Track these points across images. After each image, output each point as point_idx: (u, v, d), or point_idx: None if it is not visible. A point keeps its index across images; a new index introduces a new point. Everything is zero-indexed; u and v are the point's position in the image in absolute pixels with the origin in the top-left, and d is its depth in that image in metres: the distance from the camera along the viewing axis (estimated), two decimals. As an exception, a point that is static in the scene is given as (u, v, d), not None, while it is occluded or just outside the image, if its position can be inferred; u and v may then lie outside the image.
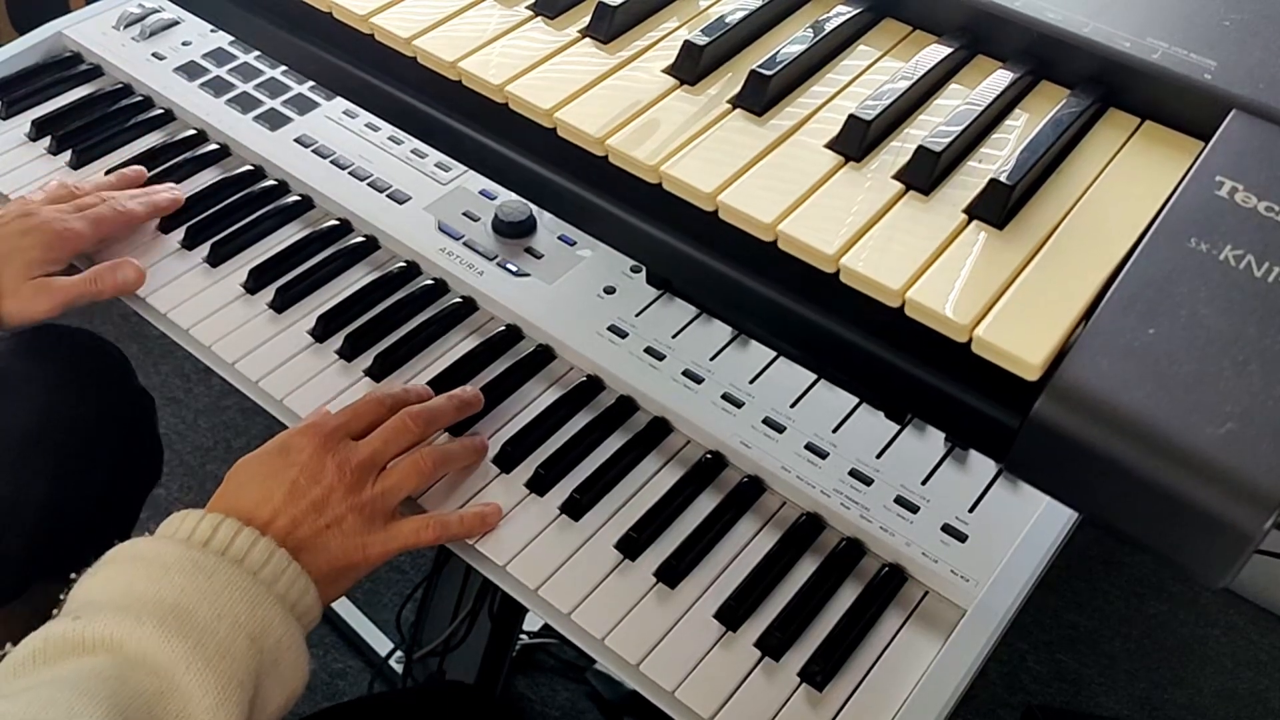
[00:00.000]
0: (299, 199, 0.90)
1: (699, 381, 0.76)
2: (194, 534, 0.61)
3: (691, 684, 0.63)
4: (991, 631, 0.65)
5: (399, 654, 1.28)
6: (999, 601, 0.66)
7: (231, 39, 1.02)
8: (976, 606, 0.66)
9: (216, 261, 0.85)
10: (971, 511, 0.70)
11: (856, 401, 0.76)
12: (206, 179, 0.91)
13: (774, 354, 0.78)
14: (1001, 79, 0.54)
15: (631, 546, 0.69)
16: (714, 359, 0.78)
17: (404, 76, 0.60)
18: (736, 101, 0.55)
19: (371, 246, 0.87)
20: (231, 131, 0.93)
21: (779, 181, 0.51)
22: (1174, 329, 0.42)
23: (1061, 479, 0.44)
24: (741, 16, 0.58)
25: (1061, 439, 0.42)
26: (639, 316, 0.80)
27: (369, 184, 0.90)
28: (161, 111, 0.96)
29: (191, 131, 0.95)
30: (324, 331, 0.80)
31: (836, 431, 0.74)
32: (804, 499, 0.71)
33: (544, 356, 0.80)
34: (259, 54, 1.01)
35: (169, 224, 0.87)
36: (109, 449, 0.89)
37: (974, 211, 0.49)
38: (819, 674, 0.63)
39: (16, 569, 0.84)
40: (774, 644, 0.65)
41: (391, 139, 0.93)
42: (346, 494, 0.65)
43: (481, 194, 0.90)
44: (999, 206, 0.48)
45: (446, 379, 0.77)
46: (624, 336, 0.79)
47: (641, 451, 0.74)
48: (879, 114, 0.52)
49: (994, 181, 0.48)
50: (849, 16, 0.58)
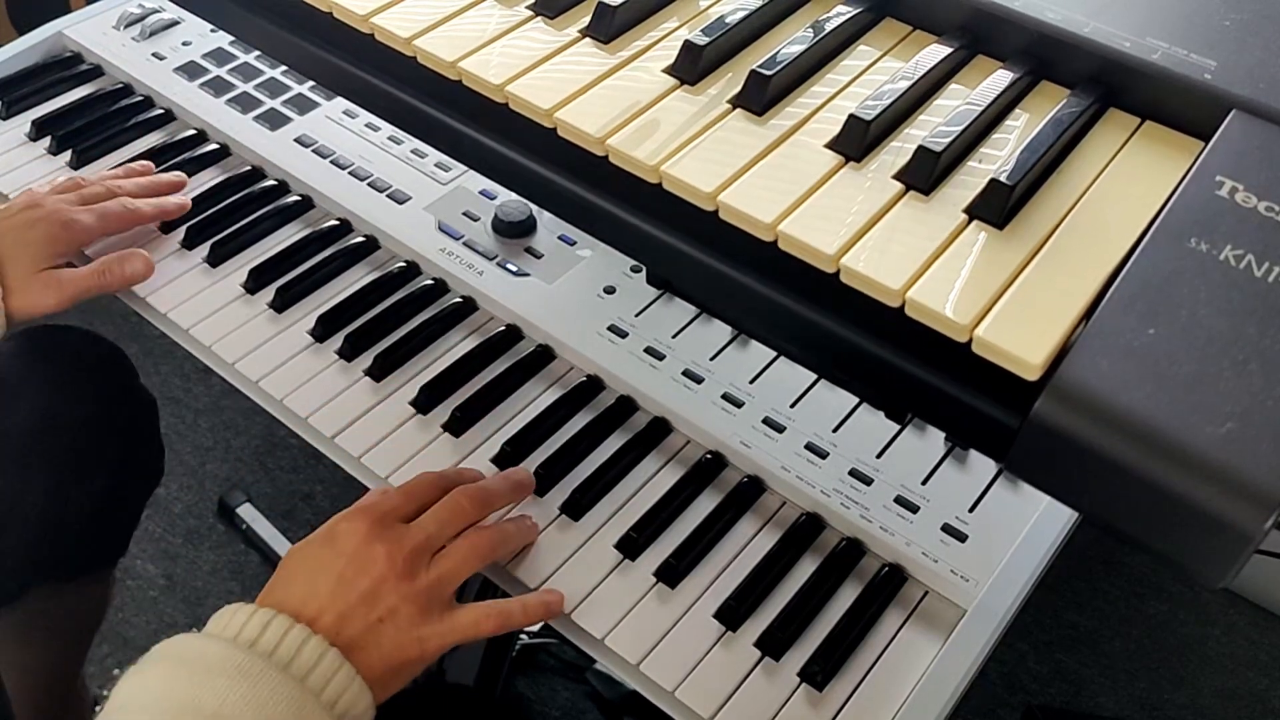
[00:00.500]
0: (299, 199, 0.90)
1: (699, 381, 0.76)
2: (242, 632, 0.57)
3: (691, 684, 0.63)
4: (991, 631, 0.65)
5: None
6: (999, 601, 0.66)
7: (231, 39, 1.02)
8: (976, 606, 0.66)
9: (216, 261, 0.85)
10: (971, 511, 0.70)
11: (856, 401, 0.76)
12: (206, 179, 0.91)
13: (774, 354, 0.78)
14: (1001, 79, 0.54)
15: (631, 546, 0.69)
16: (714, 359, 0.78)
17: (404, 76, 0.60)
18: (736, 101, 0.55)
19: (371, 246, 0.87)
20: (231, 131, 0.93)
21: (779, 181, 0.51)
22: (1174, 329, 0.42)
23: (1061, 479, 0.44)
24: (741, 16, 0.57)
25: (1061, 439, 0.42)
26: (639, 316, 0.80)
27: (369, 184, 0.90)
28: (161, 111, 0.97)
29: (191, 131, 0.95)
30: (324, 331, 0.80)
31: (836, 431, 0.74)
32: (804, 499, 0.71)
33: (544, 356, 0.80)
34: (259, 54, 1.01)
35: (169, 224, 0.87)
36: (110, 449, 0.89)
37: (974, 211, 0.49)
38: (819, 674, 0.63)
39: (16, 569, 0.84)
40: (774, 644, 0.65)
41: (391, 139, 0.93)
42: (398, 583, 0.61)
43: (481, 194, 0.90)
44: (999, 206, 0.48)
45: (446, 379, 0.77)
46: (624, 336, 0.79)
47: (641, 451, 0.74)
48: (879, 114, 0.52)
49: (994, 181, 0.48)
50: (849, 16, 0.58)
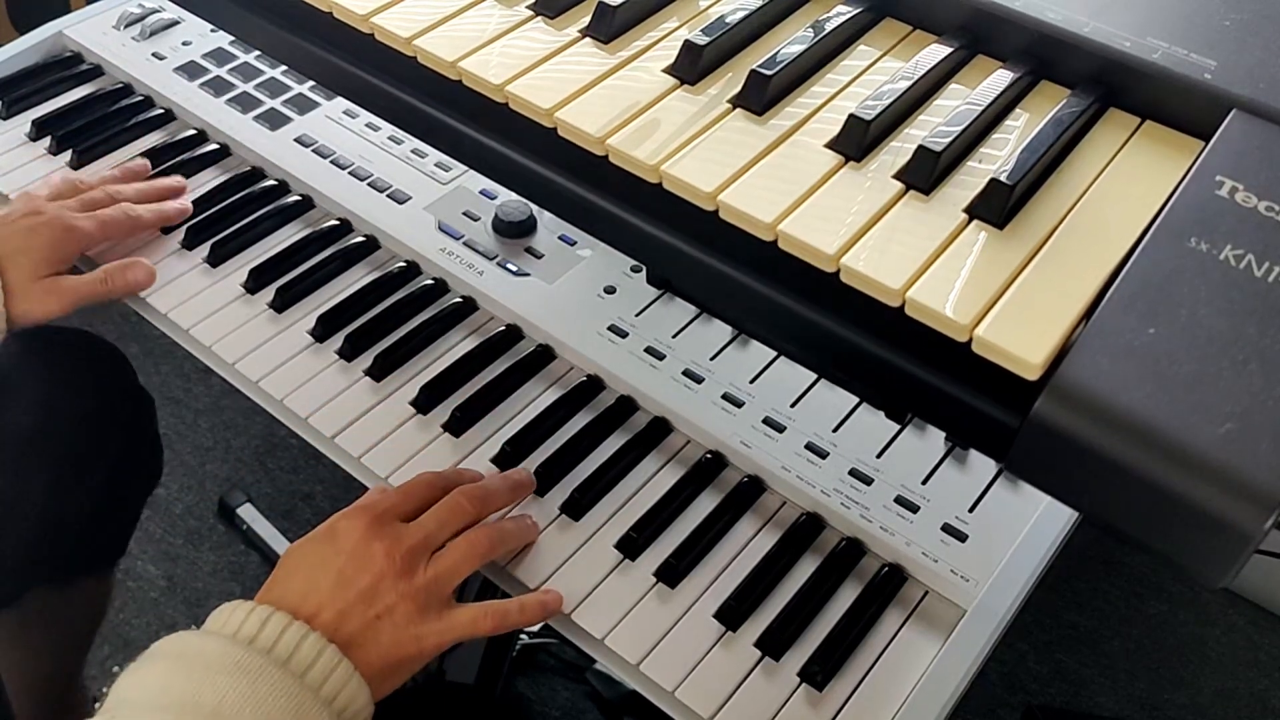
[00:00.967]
0: (299, 199, 0.90)
1: (699, 381, 0.76)
2: (241, 629, 0.57)
3: (691, 684, 0.63)
4: (991, 631, 0.65)
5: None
6: (999, 601, 0.66)
7: (231, 39, 1.02)
8: (976, 606, 0.66)
9: (216, 261, 0.85)
10: (971, 511, 0.70)
11: (856, 401, 0.76)
12: (206, 179, 0.91)
13: (774, 354, 0.78)
14: (1002, 79, 0.54)
15: (631, 546, 0.69)
16: (714, 359, 0.78)
17: (404, 76, 0.60)
18: (737, 101, 0.55)
19: (371, 246, 0.87)
20: (231, 131, 0.93)
21: (779, 181, 0.51)
22: (1174, 329, 0.42)
23: (1061, 479, 0.44)
24: (741, 16, 0.57)
25: (1061, 439, 0.42)
26: (639, 316, 0.80)
27: (369, 184, 0.90)
28: (162, 111, 0.96)
29: (191, 131, 0.95)
30: (324, 331, 0.80)
31: (836, 431, 0.74)
32: (804, 499, 0.71)
33: (544, 356, 0.80)
34: (259, 54, 1.01)
35: (169, 225, 0.87)
36: (109, 449, 0.89)
37: (974, 211, 0.49)
38: (819, 674, 0.63)
39: (16, 569, 0.84)
40: (774, 644, 0.65)
41: (391, 139, 0.93)
42: (397, 580, 0.61)
43: (481, 194, 0.90)
44: (999, 206, 0.48)
45: (446, 379, 0.77)
46: (624, 336, 0.79)
47: (641, 451, 0.74)
48: (879, 114, 0.52)
49: (994, 181, 0.48)
50: (849, 16, 0.58)
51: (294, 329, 0.81)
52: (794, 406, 0.75)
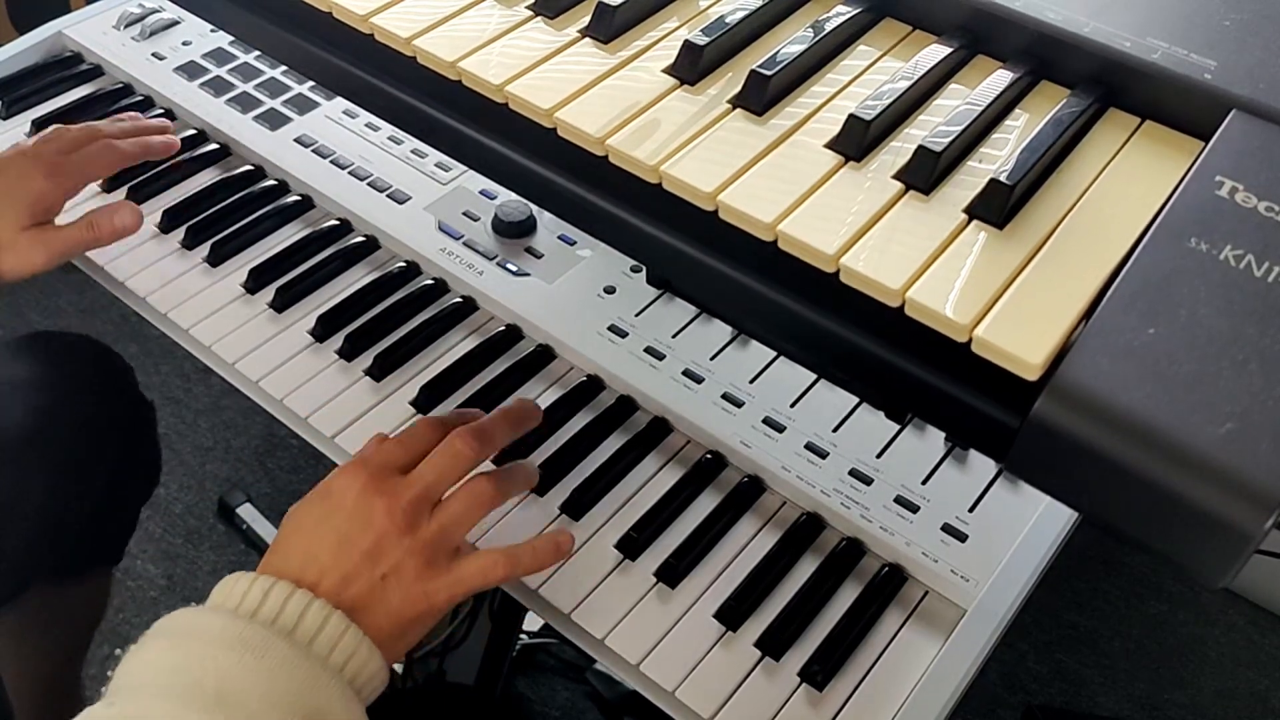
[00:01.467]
0: (299, 199, 0.90)
1: (699, 381, 0.76)
2: (243, 602, 0.55)
3: (691, 684, 0.63)
4: (991, 631, 0.65)
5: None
6: (999, 601, 0.66)
7: (231, 39, 1.02)
8: (976, 606, 0.66)
9: (216, 261, 0.85)
10: (971, 511, 0.70)
11: (856, 401, 0.76)
12: (206, 179, 0.91)
13: (774, 354, 0.78)
14: (1001, 79, 0.54)
15: (631, 546, 0.69)
16: (714, 359, 0.78)
17: (404, 76, 0.60)
18: (736, 101, 0.55)
19: (371, 246, 0.87)
20: (231, 131, 0.93)
21: (779, 181, 0.51)
22: (1174, 329, 0.42)
23: (1061, 479, 0.44)
24: (741, 16, 0.57)
25: (1061, 439, 0.42)
26: (639, 316, 0.80)
27: (369, 184, 0.90)
28: (161, 111, 0.97)
29: (191, 131, 0.95)
30: (324, 331, 0.80)
31: (836, 431, 0.74)
32: (804, 499, 0.71)
33: (544, 356, 0.80)
34: (259, 54, 1.01)
35: (169, 224, 0.87)
36: (109, 452, 0.89)
37: (974, 211, 0.49)
38: (819, 674, 0.63)
39: (15, 568, 0.84)
40: (774, 644, 0.65)
41: (391, 139, 0.93)
42: (400, 537, 0.58)
43: (481, 194, 0.90)
44: (999, 206, 0.48)
45: (446, 379, 0.77)
46: (624, 336, 0.79)
47: (641, 451, 0.74)
48: (879, 114, 0.52)
49: (994, 181, 0.48)
50: (849, 16, 0.58)
51: (294, 329, 0.81)
52: (794, 406, 0.75)
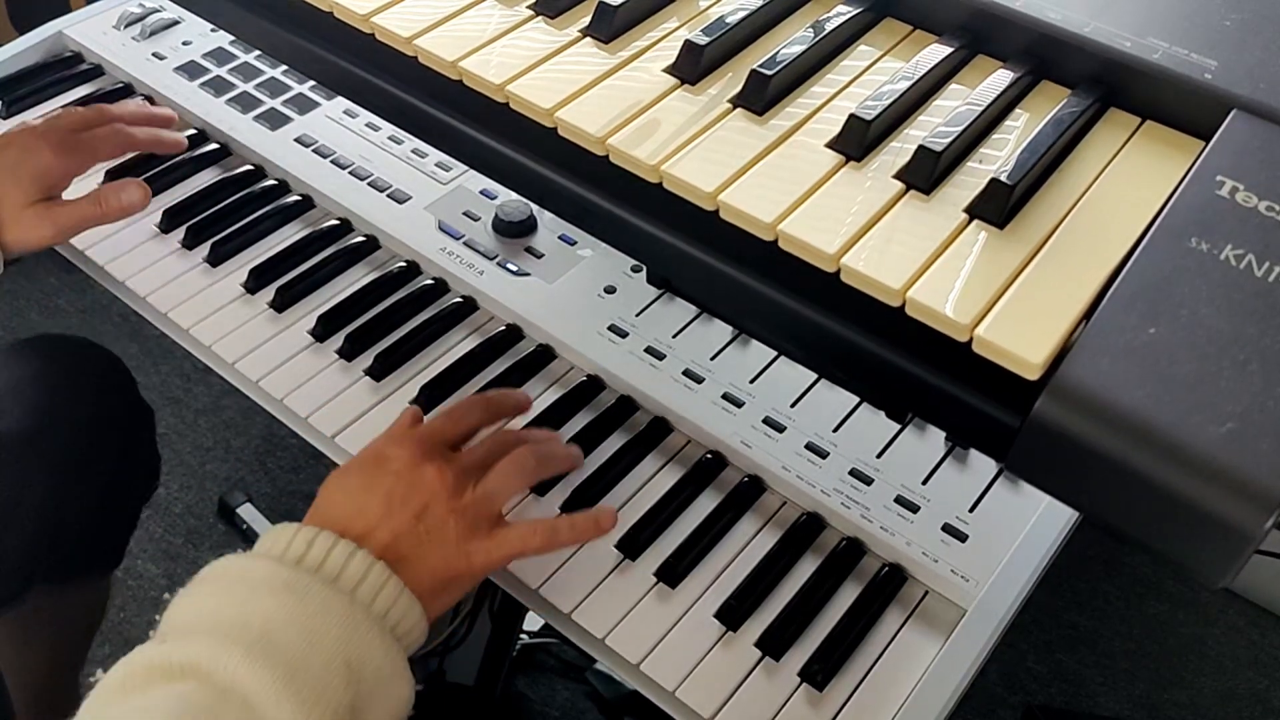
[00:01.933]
0: (299, 199, 0.90)
1: (699, 381, 0.76)
2: (288, 550, 0.57)
3: (692, 684, 0.63)
4: (991, 631, 0.65)
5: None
6: (999, 601, 0.66)
7: (231, 39, 1.02)
8: (976, 606, 0.66)
9: (216, 261, 0.85)
10: (971, 511, 0.70)
11: (856, 401, 0.76)
12: (206, 179, 0.91)
13: (774, 354, 0.78)
14: (1002, 79, 0.54)
15: (632, 546, 0.69)
16: (714, 359, 0.78)
17: (404, 76, 0.60)
18: (737, 101, 0.55)
19: (371, 246, 0.87)
20: (231, 131, 0.93)
21: (779, 181, 0.51)
22: (1174, 329, 0.42)
23: (1061, 479, 0.44)
24: (742, 16, 0.57)
25: (1062, 439, 0.42)
26: (639, 316, 0.80)
27: (369, 184, 0.90)
28: (162, 111, 0.97)
29: (192, 131, 0.95)
30: (324, 331, 0.80)
31: (836, 431, 0.74)
32: (804, 499, 0.71)
33: (544, 356, 0.80)
34: (259, 54, 1.01)
35: (169, 224, 0.87)
36: (108, 452, 0.89)
37: (975, 211, 0.49)
38: (819, 674, 0.63)
39: (16, 570, 0.84)
40: (774, 644, 0.65)
41: (391, 139, 0.93)
42: (448, 499, 0.61)
43: (482, 194, 0.90)
44: (999, 206, 0.48)
45: (447, 379, 0.77)
46: (624, 336, 0.79)
47: (641, 451, 0.74)
48: (879, 114, 0.52)
49: (994, 181, 0.48)
50: (849, 16, 0.58)
51: (294, 329, 0.81)
52: (794, 406, 0.75)
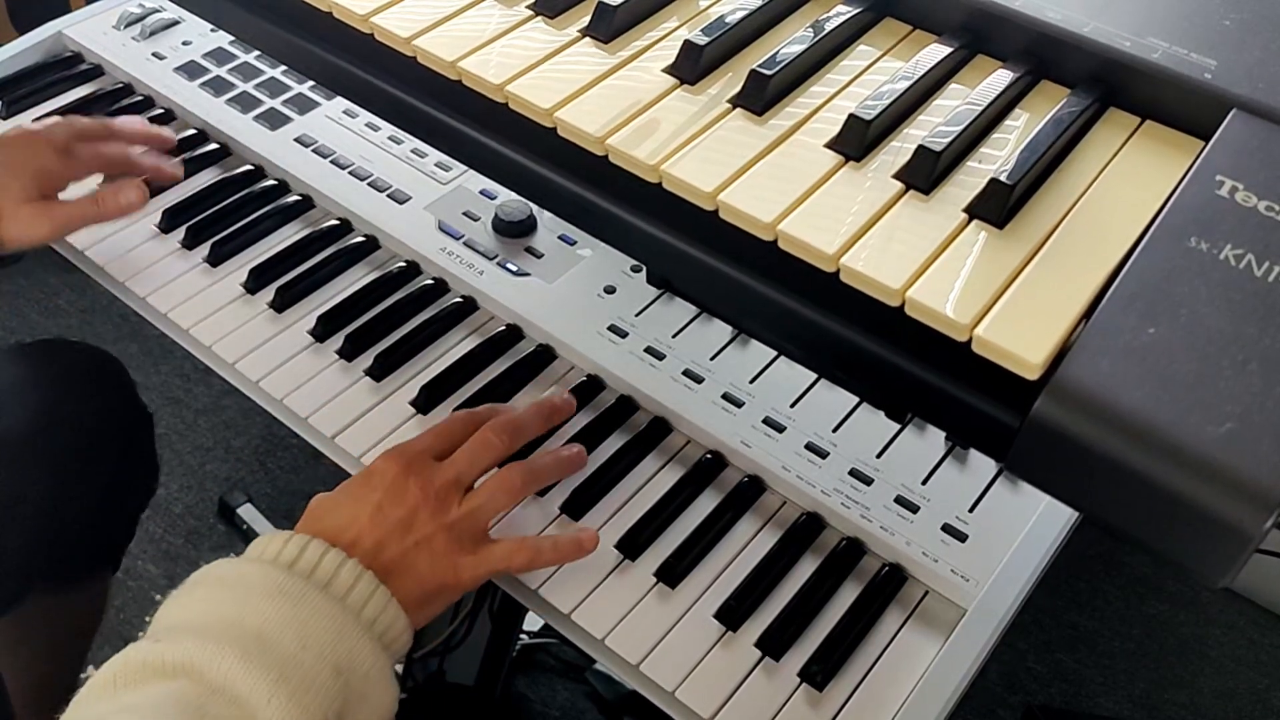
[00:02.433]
0: (299, 199, 0.90)
1: (699, 381, 0.76)
2: (280, 555, 0.58)
3: (691, 684, 0.63)
4: (991, 631, 0.65)
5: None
6: (999, 601, 0.66)
7: (231, 39, 1.02)
8: (976, 606, 0.66)
9: (216, 261, 0.85)
10: (971, 511, 0.70)
11: (856, 401, 0.76)
12: (206, 179, 0.91)
13: (774, 354, 0.78)
14: (1001, 79, 0.54)
15: (632, 546, 0.69)
16: (714, 359, 0.78)
17: (404, 76, 0.60)
18: (736, 101, 0.55)
19: (371, 246, 0.87)
20: (231, 131, 0.93)
21: (779, 181, 0.51)
22: (1174, 329, 0.42)
23: (1061, 479, 0.44)
24: (741, 16, 0.57)
25: (1062, 438, 0.42)
26: (639, 316, 0.80)
27: (369, 184, 0.90)
28: (162, 111, 0.97)
29: (192, 131, 0.95)
30: (324, 331, 0.80)
31: (836, 431, 0.74)
32: (804, 499, 0.71)
33: (544, 356, 0.80)
34: (259, 54, 1.01)
35: (169, 224, 0.87)
36: (108, 457, 0.89)
37: (974, 211, 0.49)
38: (819, 674, 0.63)
39: (16, 572, 0.84)
40: (774, 644, 0.65)
41: (391, 139, 0.93)
42: (434, 514, 0.63)
43: (481, 194, 0.90)
44: (999, 206, 0.48)
45: (447, 379, 0.77)
46: (624, 336, 0.79)
47: (641, 451, 0.74)
48: (879, 114, 0.52)
49: (994, 181, 0.48)
50: (849, 16, 0.58)
51: (294, 329, 0.81)
52: (794, 406, 0.75)
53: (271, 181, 0.91)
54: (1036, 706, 1.33)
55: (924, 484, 0.72)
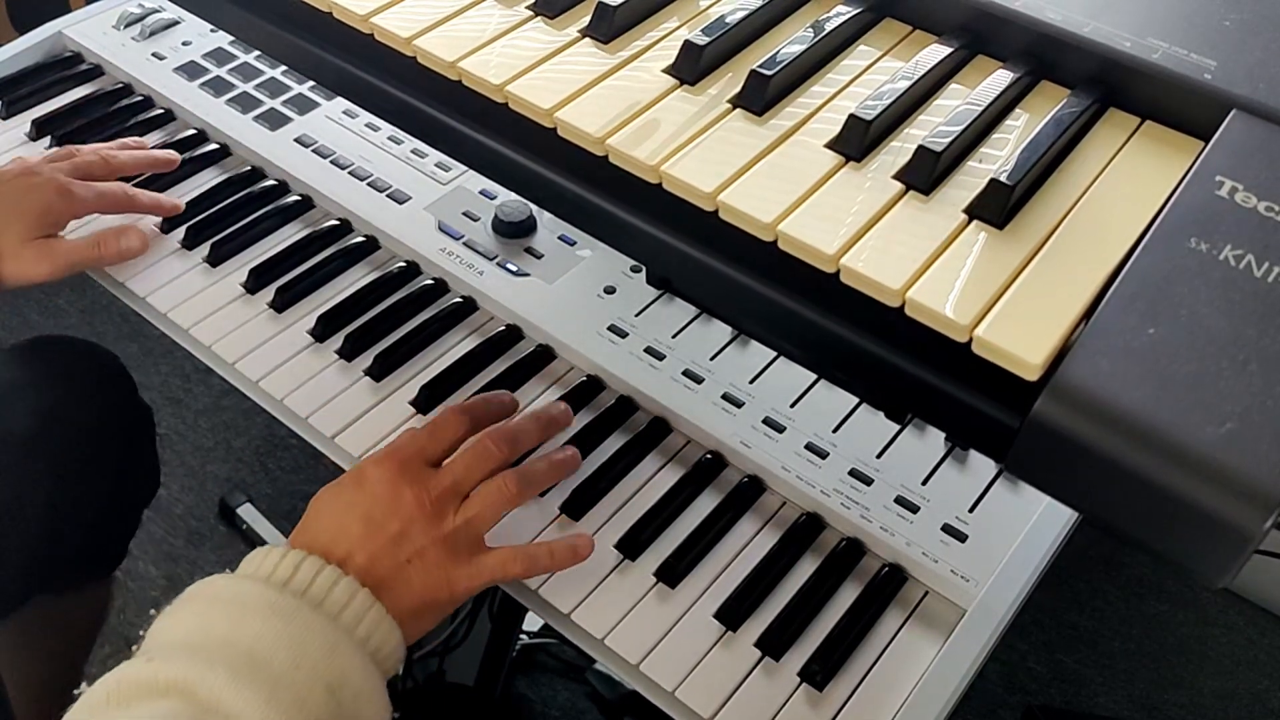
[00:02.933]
0: (299, 199, 0.90)
1: (699, 381, 0.76)
2: (274, 573, 0.58)
3: (691, 684, 0.63)
4: (991, 631, 0.65)
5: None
6: (999, 601, 0.66)
7: (231, 39, 1.02)
8: (976, 606, 0.66)
9: (216, 261, 0.85)
10: (971, 511, 0.70)
11: (856, 401, 0.76)
12: (206, 179, 0.91)
13: (774, 354, 0.78)
14: (1001, 79, 0.54)
15: (631, 546, 0.69)
16: (714, 359, 0.78)
17: (404, 76, 0.60)
18: (736, 101, 0.55)
19: (371, 246, 0.87)
20: (231, 131, 0.93)
21: (779, 181, 0.51)
22: (1174, 329, 0.42)
23: (1061, 479, 0.44)
24: (741, 16, 0.57)
25: (1061, 439, 0.42)
26: (639, 316, 0.80)
27: (369, 184, 0.90)
28: (161, 111, 0.97)
29: (191, 131, 0.95)
30: (324, 331, 0.80)
31: (836, 431, 0.74)
32: (804, 499, 0.71)
33: (544, 356, 0.80)
34: (259, 54, 1.01)
35: (169, 224, 0.87)
36: (109, 456, 0.89)
37: (974, 211, 0.49)
38: (819, 674, 0.63)
39: (17, 575, 0.84)
40: (774, 644, 0.65)
41: (391, 139, 0.93)
42: (427, 526, 0.62)
43: (481, 194, 0.90)
44: (999, 206, 0.48)
45: (446, 379, 0.77)
46: (624, 336, 0.79)
47: (641, 451, 0.74)
48: (879, 114, 0.52)
49: (994, 181, 0.48)
50: (849, 16, 0.58)
51: (294, 329, 0.81)
52: (794, 406, 0.75)
53: (271, 182, 0.91)
54: (1036, 706, 1.33)
55: (924, 484, 0.72)
